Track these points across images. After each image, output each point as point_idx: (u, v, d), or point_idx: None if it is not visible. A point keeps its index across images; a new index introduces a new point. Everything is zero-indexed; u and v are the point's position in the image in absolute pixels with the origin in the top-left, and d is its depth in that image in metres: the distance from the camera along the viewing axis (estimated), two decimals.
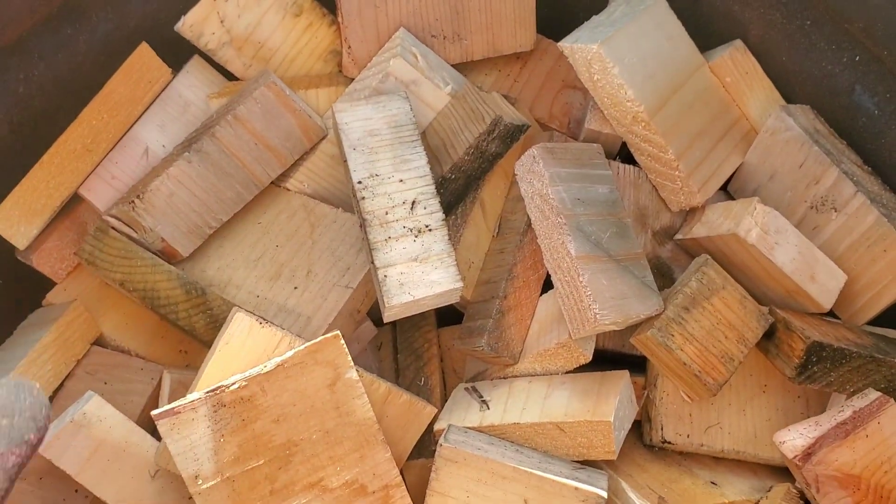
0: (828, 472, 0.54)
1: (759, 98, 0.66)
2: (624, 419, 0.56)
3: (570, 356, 0.58)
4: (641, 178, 0.65)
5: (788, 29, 0.64)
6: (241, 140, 0.61)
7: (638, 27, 0.61)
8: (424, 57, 0.64)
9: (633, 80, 0.60)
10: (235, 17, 0.65)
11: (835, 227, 0.61)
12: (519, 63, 0.71)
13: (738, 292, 0.58)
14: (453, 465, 0.54)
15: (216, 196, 0.62)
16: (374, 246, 0.57)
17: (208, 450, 0.51)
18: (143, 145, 0.65)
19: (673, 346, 0.55)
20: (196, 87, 0.67)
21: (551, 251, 0.58)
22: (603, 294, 0.55)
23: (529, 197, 0.60)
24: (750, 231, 0.58)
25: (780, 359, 0.58)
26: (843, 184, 0.60)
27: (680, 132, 0.62)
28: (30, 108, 0.62)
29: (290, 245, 0.62)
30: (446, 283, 0.57)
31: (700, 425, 0.60)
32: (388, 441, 0.54)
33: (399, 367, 0.66)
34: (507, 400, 0.58)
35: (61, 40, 0.62)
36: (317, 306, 0.59)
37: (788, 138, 0.63)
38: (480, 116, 0.62)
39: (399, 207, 0.58)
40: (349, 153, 0.60)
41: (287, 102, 0.61)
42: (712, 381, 0.56)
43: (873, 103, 0.62)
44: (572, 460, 0.56)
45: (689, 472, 0.59)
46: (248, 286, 0.61)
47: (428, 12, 0.65)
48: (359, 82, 0.65)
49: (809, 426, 0.55)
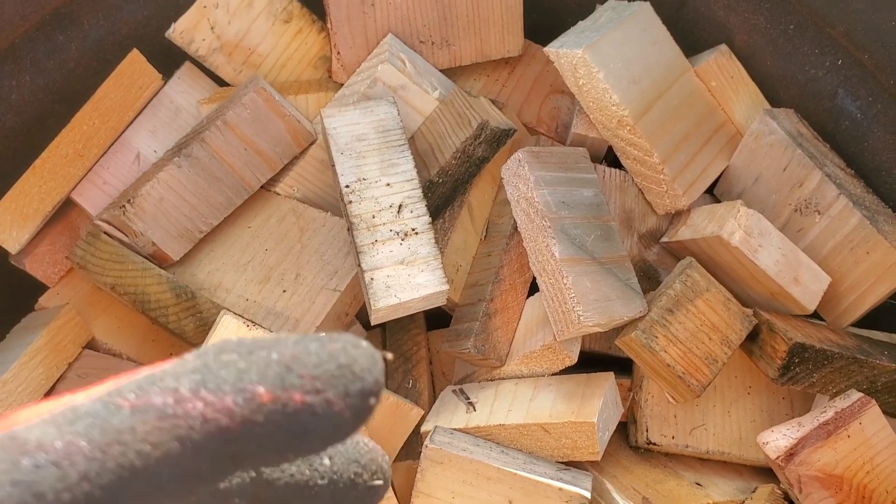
0: (810, 472, 0.55)
1: (744, 102, 0.66)
2: (608, 420, 0.57)
3: (556, 358, 0.58)
4: (627, 181, 0.65)
5: (772, 33, 0.64)
6: (231, 145, 0.62)
7: (623, 32, 0.62)
8: (412, 62, 0.65)
9: (618, 85, 0.61)
10: (226, 23, 0.66)
11: (819, 230, 0.62)
12: (507, 68, 0.71)
13: (722, 294, 0.58)
14: (438, 467, 0.54)
15: (206, 201, 0.62)
16: (361, 249, 0.57)
17: None
18: (134, 150, 0.66)
19: (657, 347, 0.56)
20: (187, 93, 0.68)
21: (536, 254, 0.58)
22: (587, 296, 0.55)
23: (515, 200, 0.60)
24: (733, 234, 0.59)
25: (763, 360, 0.58)
26: (826, 187, 0.61)
27: (665, 136, 0.63)
28: (22, 114, 0.63)
29: (279, 249, 0.63)
30: (432, 286, 0.57)
31: (685, 427, 0.60)
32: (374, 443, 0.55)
33: (388, 370, 0.66)
34: (494, 402, 0.59)
35: (53, 47, 0.63)
36: (305, 309, 0.60)
37: (773, 142, 0.63)
38: (467, 121, 0.62)
39: (386, 211, 0.59)
40: (337, 157, 0.60)
41: (276, 108, 0.62)
42: (696, 382, 0.57)
43: (856, 107, 0.62)
44: (557, 461, 0.57)
45: (675, 474, 0.59)
46: (237, 290, 0.62)
47: (416, 18, 0.66)
48: (347, 88, 0.66)
49: (792, 427, 0.56)
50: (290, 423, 0.18)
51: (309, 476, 0.22)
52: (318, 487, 0.22)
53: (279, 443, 0.19)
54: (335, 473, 0.22)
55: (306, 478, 0.22)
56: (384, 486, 0.23)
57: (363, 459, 0.23)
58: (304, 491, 0.22)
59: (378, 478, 0.23)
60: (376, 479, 0.23)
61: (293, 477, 0.22)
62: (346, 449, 0.23)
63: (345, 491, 0.23)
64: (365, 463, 0.23)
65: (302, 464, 0.22)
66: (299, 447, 0.19)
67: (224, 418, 0.18)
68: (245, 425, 0.18)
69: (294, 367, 0.19)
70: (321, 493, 0.22)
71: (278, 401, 0.18)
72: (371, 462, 0.23)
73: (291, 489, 0.22)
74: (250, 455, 0.19)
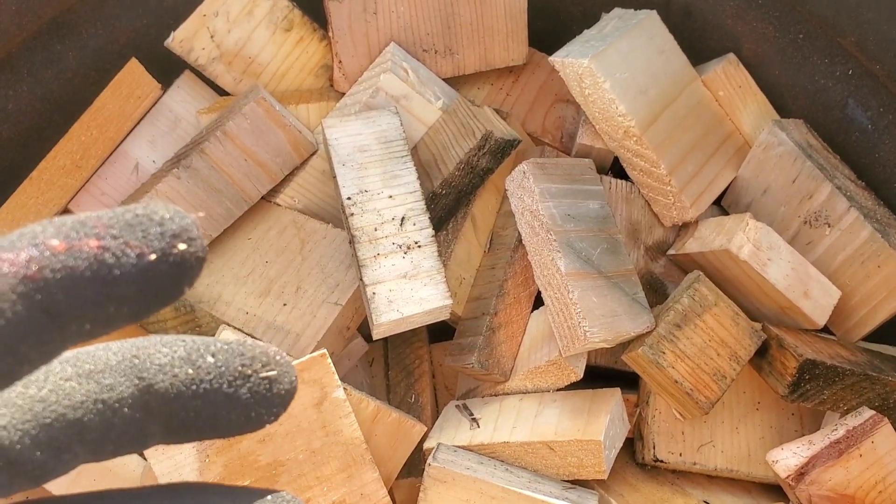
0: (821, 491, 0.53)
1: (752, 112, 0.65)
2: (615, 438, 0.56)
3: (561, 374, 0.57)
4: (634, 192, 0.64)
5: (781, 43, 0.63)
6: (231, 156, 0.61)
7: (629, 41, 0.61)
8: (415, 72, 0.64)
9: (625, 95, 0.60)
10: (225, 32, 0.65)
11: (828, 243, 0.61)
12: (511, 77, 0.70)
13: (731, 309, 0.57)
14: (441, 485, 0.53)
15: (206, 212, 0.61)
16: (363, 263, 0.56)
17: (193, 470, 0.51)
18: (132, 161, 0.65)
19: (664, 363, 0.55)
20: (186, 103, 0.67)
21: (541, 268, 0.57)
22: (593, 311, 0.54)
23: (520, 213, 0.59)
24: (742, 247, 0.57)
25: (772, 376, 0.57)
26: (836, 199, 0.60)
27: (672, 146, 0.62)
28: (19, 124, 0.62)
29: (279, 261, 0.62)
30: (436, 301, 0.56)
31: (693, 444, 0.59)
32: (376, 460, 0.54)
33: (390, 384, 0.65)
34: (498, 418, 0.58)
35: (50, 56, 0.62)
36: (306, 323, 0.59)
37: (781, 153, 0.62)
38: (471, 131, 0.61)
39: (388, 224, 0.58)
40: (338, 169, 0.59)
41: (277, 118, 0.61)
42: (704, 399, 0.55)
43: (866, 118, 0.61)
44: (563, 480, 0.56)
45: (682, 492, 0.58)
46: (237, 303, 0.61)
47: (419, 27, 0.65)
48: (349, 97, 0.65)
49: (802, 445, 0.55)
50: (89, 267, 0.19)
51: (194, 374, 0.22)
52: (207, 386, 0.22)
53: (87, 291, 0.19)
54: (220, 368, 0.22)
55: (191, 376, 0.22)
56: (282, 379, 0.23)
57: (249, 353, 0.23)
58: (192, 391, 0.22)
59: (270, 368, 0.23)
60: (269, 370, 0.23)
61: (177, 377, 0.22)
62: (230, 346, 0.23)
63: (237, 385, 0.22)
64: (252, 355, 0.23)
65: (185, 364, 0.22)
66: (111, 295, 0.19)
67: (21, 270, 0.19)
68: (42, 272, 0.19)
69: (89, 223, 0.19)
70: (212, 392, 0.22)
71: (73, 248, 0.19)
72: (261, 354, 0.23)
73: (179, 392, 0.22)
74: (65, 309, 0.19)
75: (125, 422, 0.21)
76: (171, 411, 0.22)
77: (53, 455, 0.20)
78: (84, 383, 0.21)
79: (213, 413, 0.22)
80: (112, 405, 0.21)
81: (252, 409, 0.22)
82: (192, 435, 0.23)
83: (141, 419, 0.22)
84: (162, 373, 0.22)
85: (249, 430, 0.23)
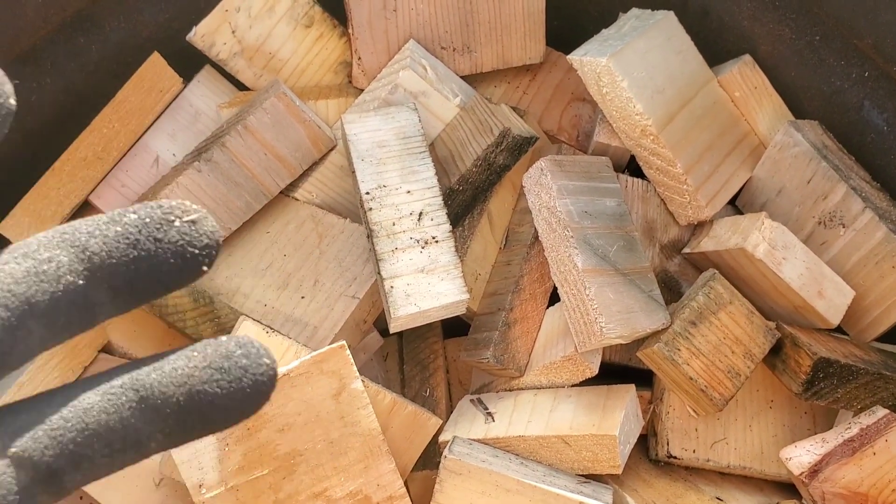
0: (834, 489, 0.54)
1: (767, 113, 0.65)
2: (629, 433, 0.56)
3: (576, 369, 0.58)
4: (650, 191, 0.65)
5: (797, 44, 0.64)
6: (251, 150, 0.61)
7: (647, 41, 0.61)
8: (434, 69, 0.64)
9: (642, 94, 0.60)
10: (247, 27, 0.65)
11: (843, 243, 0.61)
12: (528, 75, 0.71)
13: (746, 307, 0.58)
14: (457, 478, 0.54)
15: (225, 205, 0.62)
16: (381, 257, 0.57)
17: (213, 458, 0.51)
18: (153, 154, 0.66)
19: (679, 360, 0.55)
20: (207, 97, 0.67)
21: (558, 264, 0.58)
22: (609, 308, 0.55)
23: (537, 209, 0.60)
24: (758, 246, 0.58)
25: (786, 374, 0.58)
26: (851, 199, 0.60)
27: (688, 146, 0.62)
28: (42, 116, 0.63)
29: (297, 255, 0.63)
30: (452, 295, 0.57)
31: (706, 440, 0.59)
32: (392, 452, 0.54)
33: (405, 378, 0.66)
34: (513, 412, 0.58)
35: (74, 49, 0.63)
36: (323, 316, 0.60)
37: (797, 153, 0.62)
38: (489, 128, 0.62)
39: (406, 219, 0.58)
40: (357, 164, 0.60)
41: (297, 113, 0.62)
42: (718, 396, 0.56)
43: (882, 119, 0.62)
44: (577, 474, 0.56)
45: (695, 488, 0.59)
46: (255, 295, 0.61)
47: (438, 24, 0.66)
48: (368, 93, 0.66)
49: (816, 443, 0.55)
50: None
51: (122, 230, 0.23)
52: (137, 237, 0.23)
53: None
54: (144, 220, 0.23)
55: (120, 232, 0.23)
56: (203, 221, 0.24)
57: (166, 205, 0.24)
58: (124, 244, 0.23)
59: (190, 214, 0.24)
60: (189, 216, 0.24)
61: (107, 237, 0.23)
62: (147, 203, 0.24)
63: (165, 230, 0.23)
64: (170, 206, 0.24)
65: (110, 224, 0.23)
66: None
67: None
68: None
69: None
70: (143, 241, 0.23)
71: None
72: (178, 204, 0.24)
73: (112, 248, 0.23)
74: None
75: (70, 290, 0.23)
76: (111, 270, 0.23)
77: (9, 333, 0.21)
78: (22, 262, 0.22)
79: (151, 264, 0.23)
80: (53, 274, 0.22)
81: (185, 250, 0.24)
82: (138, 297, 0.24)
83: (85, 286, 0.23)
84: (92, 237, 0.23)
85: (189, 276, 0.24)
